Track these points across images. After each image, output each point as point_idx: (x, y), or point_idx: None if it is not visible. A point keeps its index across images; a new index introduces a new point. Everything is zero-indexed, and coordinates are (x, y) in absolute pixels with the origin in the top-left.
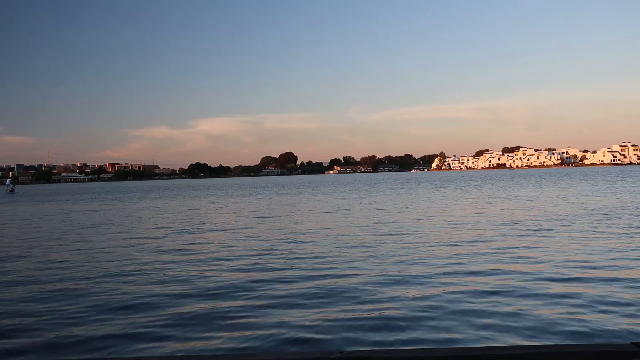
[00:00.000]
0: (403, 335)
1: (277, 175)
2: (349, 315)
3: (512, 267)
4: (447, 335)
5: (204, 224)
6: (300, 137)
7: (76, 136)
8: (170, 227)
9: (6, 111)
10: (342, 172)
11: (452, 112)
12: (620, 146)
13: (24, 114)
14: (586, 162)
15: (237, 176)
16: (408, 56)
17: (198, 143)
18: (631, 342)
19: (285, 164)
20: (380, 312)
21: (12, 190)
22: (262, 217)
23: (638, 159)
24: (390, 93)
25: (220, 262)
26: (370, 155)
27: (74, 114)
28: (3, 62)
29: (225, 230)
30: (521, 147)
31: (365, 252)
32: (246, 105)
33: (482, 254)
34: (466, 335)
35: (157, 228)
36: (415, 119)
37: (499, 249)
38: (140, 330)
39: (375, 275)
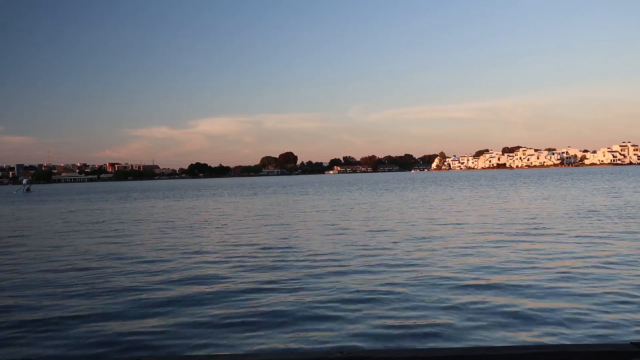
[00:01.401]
0: None
1: (277, 175)
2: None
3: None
4: None
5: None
6: (300, 137)
7: (76, 136)
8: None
9: (6, 111)
10: (342, 172)
11: (452, 112)
12: (620, 146)
13: (24, 114)
14: (586, 162)
15: (237, 176)
16: (408, 56)
17: (198, 143)
18: (631, 342)
19: (285, 164)
20: None
21: (28, 190)
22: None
23: (638, 159)
24: (390, 93)
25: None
26: (370, 155)
27: (74, 114)
28: (3, 62)
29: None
30: (521, 147)
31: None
32: (246, 105)
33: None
34: None
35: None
36: (415, 119)
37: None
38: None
39: None
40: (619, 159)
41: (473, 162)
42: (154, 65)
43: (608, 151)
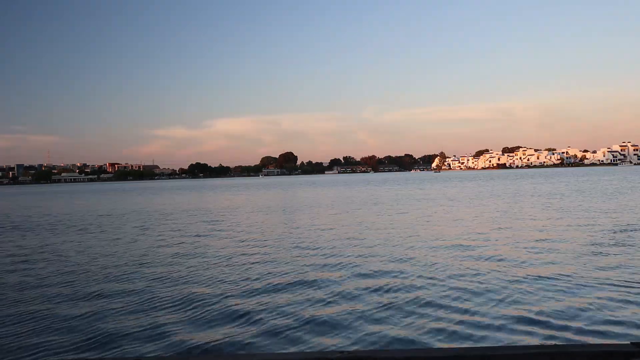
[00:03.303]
0: None
1: (277, 175)
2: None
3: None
4: None
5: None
6: (300, 137)
7: (76, 136)
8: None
9: (6, 111)
10: (342, 172)
11: (454, 112)
12: (620, 146)
13: (24, 113)
14: (586, 162)
15: (237, 176)
16: (408, 56)
17: (198, 143)
18: (631, 342)
19: (285, 164)
20: None
21: None
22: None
23: (638, 159)
24: (390, 94)
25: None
26: (370, 155)
27: (74, 114)
28: (3, 62)
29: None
30: (521, 147)
31: None
32: (252, 106)
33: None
34: None
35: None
36: (416, 119)
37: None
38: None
39: None
40: (619, 159)
41: (473, 162)
42: (154, 65)
43: (608, 151)
